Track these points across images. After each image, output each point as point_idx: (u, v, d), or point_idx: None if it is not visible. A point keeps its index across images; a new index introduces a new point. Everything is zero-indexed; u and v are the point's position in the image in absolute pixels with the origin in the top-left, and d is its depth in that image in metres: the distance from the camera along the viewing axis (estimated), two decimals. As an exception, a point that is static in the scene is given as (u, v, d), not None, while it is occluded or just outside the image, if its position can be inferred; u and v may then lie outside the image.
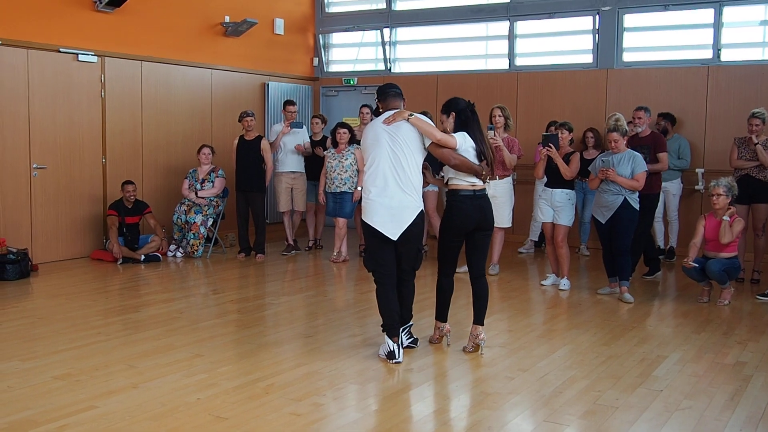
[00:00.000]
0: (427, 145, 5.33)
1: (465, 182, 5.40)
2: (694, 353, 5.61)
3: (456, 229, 5.45)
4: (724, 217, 7.11)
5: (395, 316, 5.31)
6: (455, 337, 5.81)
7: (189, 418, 4.16)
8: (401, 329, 5.41)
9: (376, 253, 5.35)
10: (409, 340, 5.59)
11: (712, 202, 7.23)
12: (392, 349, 5.25)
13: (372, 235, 5.31)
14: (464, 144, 5.34)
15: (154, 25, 9.90)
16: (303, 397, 4.51)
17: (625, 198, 7.23)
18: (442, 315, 5.70)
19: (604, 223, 7.40)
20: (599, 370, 5.17)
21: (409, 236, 5.27)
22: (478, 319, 5.58)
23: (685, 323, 6.54)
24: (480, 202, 5.44)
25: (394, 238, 5.24)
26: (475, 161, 5.36)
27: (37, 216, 8.77)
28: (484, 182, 5.46)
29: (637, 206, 7.30)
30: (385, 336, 5.30)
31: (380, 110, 5.54)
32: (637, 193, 7.31)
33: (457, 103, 5.51)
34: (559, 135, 7.69)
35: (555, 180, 7.72)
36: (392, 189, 5.22)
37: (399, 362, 5.25)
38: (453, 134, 5.38)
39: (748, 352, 5.67)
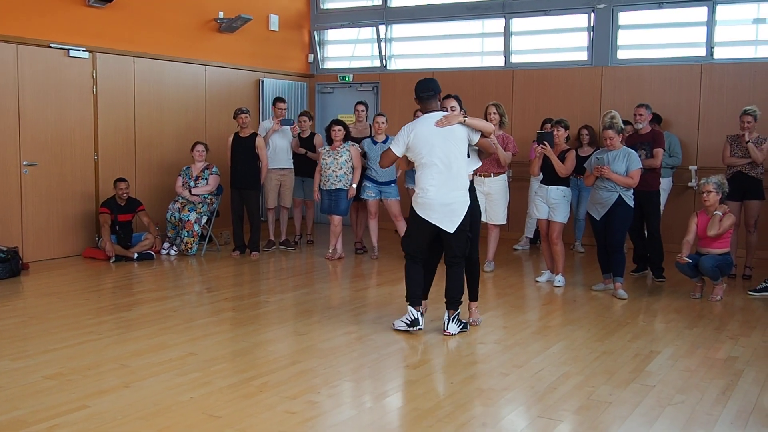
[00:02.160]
0: (476, 140, 5.79)
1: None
2: (686, 348, 5.63)
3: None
4: (716, 212, 7.14)
5: (418, 289, 5.92)
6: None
7: (182, 417, 4.15)
8: (449, 319, 5.84)
9: (417, 240, 5.88)
10: (459, 327, 5.88)
11: (702, 200, 7.28)
12: (416, 317, 5.85)
13: (419, 226, 5.81)
14: None
15: (147, 21, 9.87)
16: (297, 395, 4.50)
17: (619, 195, 7.24)
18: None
19: (598, 219, 7.41)
20: (593, 365, 5.17)
21: (461, 226, 5.76)
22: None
23: (678, 319, 6.55)
24: None
25: (452, 231, 5.73)
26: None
27: (27, 214, 8.73)
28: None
29: (631, 203, 7.32)
30: (408, 306, 5.90)
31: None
32: (632, 190, 7.32)
33: (461, 102, 6.11)
34: (555, 132, 7.69)
35: (550, 177, 7.72)
36: (447, 187, 5.69)
37: (421, 329, 5.86)
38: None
39: (739, 347, 5.68)
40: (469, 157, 5.89)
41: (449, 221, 5.71)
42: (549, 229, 7.82)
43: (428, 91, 5.84)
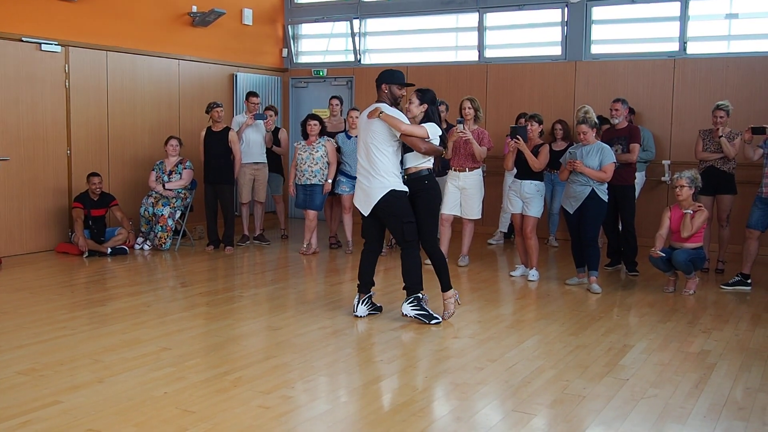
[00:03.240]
0: (397, 135, 5.98)
1: (428, 163, 6.12)
2: (659, 342, 5.68)
3: (438, 205, 6.34)
4: (687, 211, 7.21)
5: (363, 276, 6.25)
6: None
7: (156, 412, 4.12)
8: (405, 300, 6.08)
9: (363, 225, 6.32)
10: (414, 309, 6.04)
11: (675, 194, 7.35)
12: (354, 303, 6.29)
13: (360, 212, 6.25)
14: (435, 133, 6.01)
15: (120, 15, 9.76)
16: (272, 390, 4.49)
17: (593, 189, 7.28)
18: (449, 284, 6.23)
19: (572, 213, 7.45)
20: (567, 359, 5.20)
21: (385, 212, 6.02)
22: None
23: (651, 313, 6.61)
24: None
25: (365, 214, 6.12)
26: (437, 145, 6.11)
27: (0, 209, 8.62)
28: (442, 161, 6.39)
29: (605, 197, 7.37)
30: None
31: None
32: (606, 185, 7.37)
33: (432, 97, 6.17)
34: (528, 127, 7.73)
35: (524, 171, 7.76)
36: (365, 174, 6.05)
37: (355, 315, 6.19)
38: (423, 125, 5.97)
39: (712, 340, 5.74)
40: (411, 150, 6.08)
41: (365, 205, 6.09)
42: (523, 223, 7.85)
43: (376, 81, 6.18)
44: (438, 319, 6.03)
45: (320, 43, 12.97)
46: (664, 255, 7.25)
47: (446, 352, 5.39)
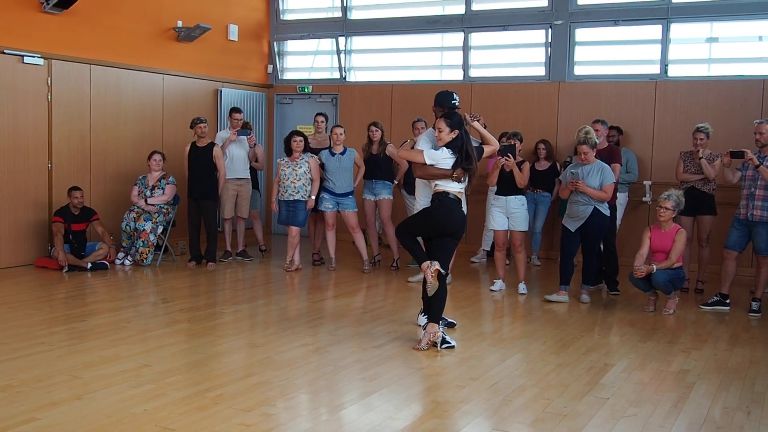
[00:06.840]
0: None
1: (447, 187, 5.83)
2: (639, 361, 5.70)
3: (435, 226, 5.86)
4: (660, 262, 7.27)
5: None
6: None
7: (135, 429, 4.08)
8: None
9: None
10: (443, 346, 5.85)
11: (658, 214, 7.40)
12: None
13: None
14: (437, 156, 5.79)
15: (104, 28, 9.74)
16: (252, 407, 4.46)
17: (594, 207, 7.46)
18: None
19: (573, 231, 7.57)
20: (548, 378, 5.22)
21: None
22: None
23: (632, 332, 6.64)
24: (460, 208, 5.92)
25: None
26: (447, 168, 5.78)
27: (-21, 222, 8.56)
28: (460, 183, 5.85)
29: (607, 212, 7.61)
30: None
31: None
32: (606, 202, 7.52)
33: (459, 120, 5.87)
34: (516, 145, 8.00)
35: (507, 187, 7.99)
36: None
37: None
38: (422, 149, 5.88)
39: (691, 360, 5.78)
40: None
41: None
42: (512, 237, 8.06)
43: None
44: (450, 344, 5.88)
45: (305, 59, 13.01)
46: (649, 269, 7.23)
47: (428, 370, 5.39)
